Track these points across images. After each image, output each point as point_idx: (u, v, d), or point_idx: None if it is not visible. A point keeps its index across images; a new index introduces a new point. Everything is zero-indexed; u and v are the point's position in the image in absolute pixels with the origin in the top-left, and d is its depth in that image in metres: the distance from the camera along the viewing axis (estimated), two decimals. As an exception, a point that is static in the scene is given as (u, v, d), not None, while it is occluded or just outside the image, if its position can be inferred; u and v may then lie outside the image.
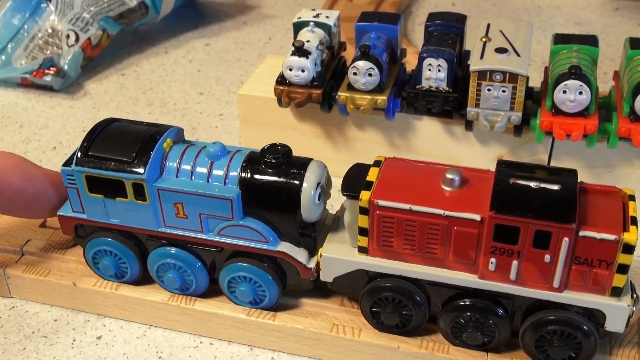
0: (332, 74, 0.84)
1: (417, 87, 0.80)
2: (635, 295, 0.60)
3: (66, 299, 0.73)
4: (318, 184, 0.63)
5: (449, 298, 0.62)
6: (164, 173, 0.65)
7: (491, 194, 0.58)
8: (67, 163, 0.67)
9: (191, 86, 1.11)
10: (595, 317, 0.60)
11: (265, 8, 1.35)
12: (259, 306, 0.68)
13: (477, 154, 0.84)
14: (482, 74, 0.76)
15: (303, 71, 0.80)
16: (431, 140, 0.85)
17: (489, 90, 0.76)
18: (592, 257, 0.57)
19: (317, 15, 0.85)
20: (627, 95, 0.75)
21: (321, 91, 0.82)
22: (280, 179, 0.63)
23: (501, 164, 0.61)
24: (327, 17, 0.85)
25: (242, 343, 0.69)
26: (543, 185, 0.58)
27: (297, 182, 0.63)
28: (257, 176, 0.63)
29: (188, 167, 0.65)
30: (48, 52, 1.11)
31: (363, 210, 0.61)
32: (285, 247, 0.65)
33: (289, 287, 0.68)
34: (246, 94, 0.90)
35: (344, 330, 0.66)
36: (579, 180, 0.60)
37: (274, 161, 0.63)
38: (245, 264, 0.66)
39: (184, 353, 0.69)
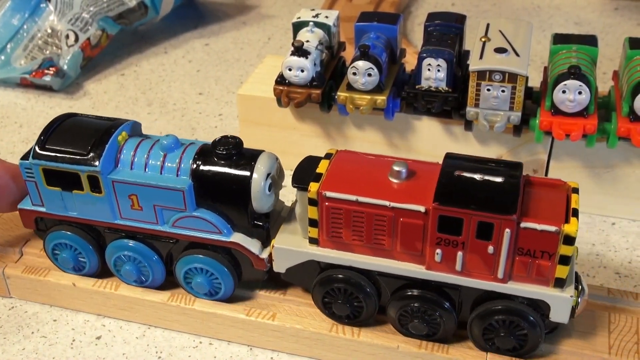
0: (331, 74, 0.84)
1: (417, 87, 0.80)
2: (580, 286, 0.61)
3: (66, 299, 0.73)
4: (268, 174, 0.64)
5: (398, 288, 0.63)
6: (119, 166, 0.66)
7: (436, 185, 0.59)
8: (25, 157, 0.67)
9: (190, 86, 1.11)
10: (541, 307, 0.61)
11: (264, 8, 1.35)
12: (214, 297, 0.69)
13: (477, 154, 0.84)
14: (481, 74, 0.76)
15: (302, 71, 0.80)
16: (430, 140, 0.85)
17: (488, 90, 0.76)
18: (534, 248, 0.58)
19: (317, 15, 0.85)
20: (626, 95, 0.75)
21: (320, 91, 0.82)
22: (231, 170, 0.64)
23: (448, 156, 0.63)
24: (327, 17, 0.85)
25: (242, 343, 0.69)
26: (487, 177, 0.59)
27: (247, 173, 0.63)
28: (208, 167, 0.64)
29: (142, 160, 0.66)
30: (47, 52, 1.11)
31: (312, 202, 0.62)
32: (238, 237, 0.66)
33: (244, 278, 0.68)
34: (245, 94, 0.90)
35: (343, 330, 0.66)
36: (523, 174, 0.61)
37: (224, 152, 0.64)
38: (200, 256, 0.67)
39: (183, 353, 0.69)
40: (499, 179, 0.59)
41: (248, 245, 0.66)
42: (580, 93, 0.73)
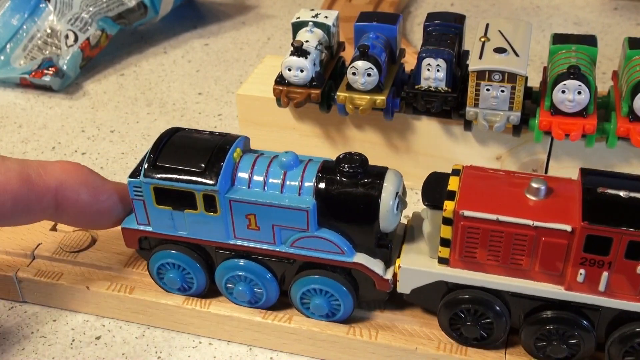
0: (331, 74, 0.84)
1: (416, 87, 0.80)
2: None
3: (79, 302, 0.72)
4: (396, 193, 0.61)
5: (532, 310, 0.61)
6: (236, 184, 0.63)
7: (581, 203, 0.57)
8: (134, 174, 0.65)
9: (190, 86, 1.11)
10: None
11: (264, 8, 1.35)
12: (332, 319, 0.67)
13: (476, 154, 0.84)
14: (480, 74, 0.76)
15: (302, 71, 0.80)
16: (430, 140, 0.85)
17: (487, 90, 0.76)
18: None
19: (316, 16, 0.85)
20: (625, 95, 0.75)
21: (320, 91, 0.82)
22: (358, 189, 0.61)
23: (585, 172, 0.60)
24: (326, 17, 0.85)
25: (259, 346, 0.69)
26: (633, 194, 0.57)
27: (375, 192, 0.61)
28: (333, 186, 0.61)
29: (260, 178, 0.63)
30: (47, 52, 1.11)
31: (447, 221, 0.59)
32: (361, 258, 0.63)
33: (362, 299, 0.66)
34: (245, 94, 0.90)
35: (360, 333, 0.65)
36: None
37: (350, 171, 0.61)
38: (320, 277, 0.64)
39: (183, 353, 0.69)
40: None
41: (372, 266, 0.63)
42: (579, 93, 0.73)
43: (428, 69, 0.78)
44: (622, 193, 0.57)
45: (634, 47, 0.78)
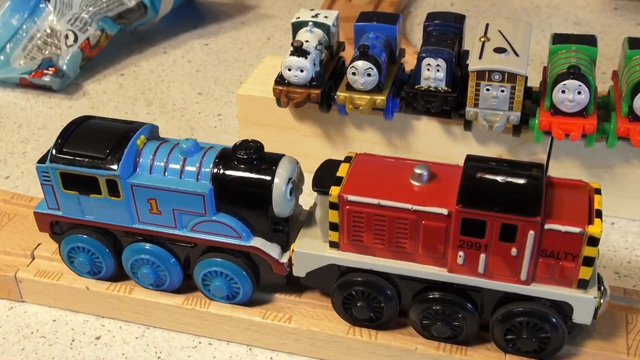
0: (331, 74, 0.84)
1: (416, 87, 0.80)
2: (602, 287, 0.61)
3: (79, 302, 0.72)
4: (289, 179, 0.64)
5: (419, 291, 0.63)
6: (138, 169, 0.66)
7: (458, 188, 0.59)
8: (42, 160, 0.67)
9: (190, 86, 1.11)
10: (563, 309, 0.60)
11: (264, 8, 1.35)
12: (233, 301, 0.69)
13: (476, 154, 0.84)
14: (480, 74, 0.76)
15: (302, 71, 0.80)
16: (430, 140, 0.85)
17: (487, 90, 0.76)
18: (558, 249, 0.58)
19: (316, 15, 0.85)
20: (625, 95, 0.75)
21: (320, 91, 0.82)
22: (252, 175, 0.64)
23: (469, 159, 0.62)
24: (326, 17, 0.85)
25: (258, 346, 0.69)
26: (510, 179, 0.59)
27: (268, 177, 0.63)
28: (228, 172, 0.64)
29: (161, 164, 0.65)
30: (47, 52, 1.11)
31: (333, 206, 0.61)
32: (258, 242, 0.65)
33: (262, 283, 0.68)
34: (245, 94, 0.90)
35: (360, 333, 0.65)
36: (546, 174, 0.61)
37: (245, 157, 0.64)
38: (218, 259, 0.67)
39: (182, 353, 0.69)
40: (521, 181, 0.59)
41: (268, 250, 0.65)
42: (579, 93, 0.73)
43: (428, 69, 0.78)
44: (499, 178, 0.59)
45: (634, 47, 0.78)
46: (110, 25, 1.15)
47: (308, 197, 0.71)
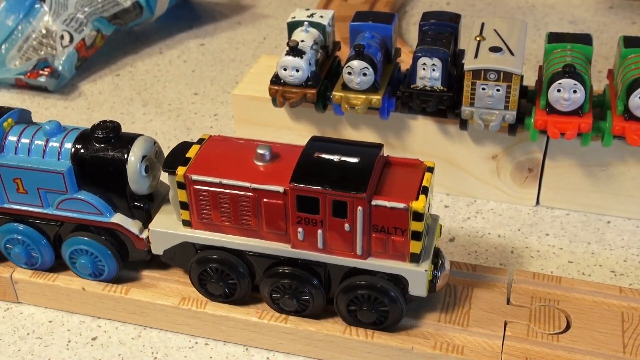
0: (326, 73, 0.84)
1: (412, 86, 0.80)
2: (440, 261, 0.64)
3: (75, 303, 0.72)
4: (144, 157, 0.66)
5: (268, 267, 0.66)
6: (4, 151, 0.68)
7: (294, 167, 0.61)
8: None
9: (186, 86, 1.11)
10: (402, 282, 0.63)
11: (259, 8, 1.35)
12: (100, 278, 0.71)
13: (472, 153, 0.84)
14: (476, 73, 0.76)
15: (297, 71, 0.80)
16: (426, 140, 0.85)
17: (483, 89, 0.76)
18: (387, 225, 0.61)
19: (312, 15, 0.85)
20: (621, 94, 0.75)
21: (316, 91, 0.82)
22: (108, 153, 0.66)
23: (313, 139, 0.65)
24: (322, 16, 0.85)
25: (255, 346, 0.69)
26: (344, 158, 0.62)
27: (123, 155, 0.66)
28: (87, 151, 0.67)
29: (26, 145, 0.68)
30: (42, 52, 1.11)
31: (180, 185, 0.64)
32: (118, 218, 0.68)
33: (130, 259, 0.71)
34: (241, 94, 0.90)
35: (357, 332, 0.66)
36: (384, 154, 0.64)
37: (102, 136, 0.67)
38: (82, 237, 0.69)
39: (179, 354, 0.69)
40: (355, 160, 0.62)
41: (128, 226, 0.68)
42: (575, 92, 0.73)
43: (424, 68, 0.78)
44: (335, 157, 0.62)
45: (629, 45, 0.78)
46: (105, 25, 1.15)
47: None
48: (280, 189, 0.61)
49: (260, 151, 0.64)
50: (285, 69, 0.81)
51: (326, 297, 0.66)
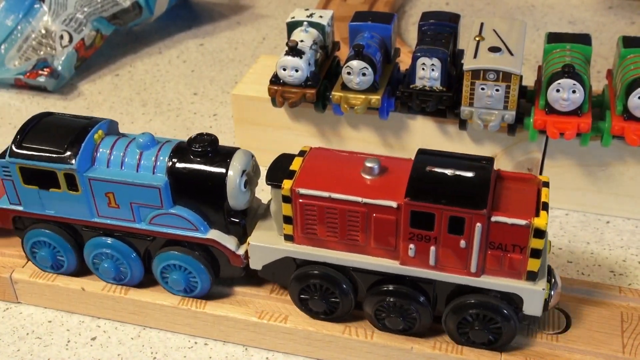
0: (326, 73, 0.84)
1: (411, 86, 0.80)
2: (553, 279, 0.62)
3: (74, 303, 0.72)
4: (244, 171, 0.65)
5: (373, 284, 0.64)
6: (95, 164, 0.66)
7: (407, 181, 0.60)
8: (2, 155, 0.68)
9: (185, 86, 1.11)
10: (514, 301, 0.61)
11: (259, 8, 1.35)
12: (191, 294, 0.69)
13: (471, 153, 0.84)
14: (475, 73, 0.76)
15: (297, 71, 0.80)
16: (425, 140, 0.85)
17: (482, 89, 0.76)
18: (505, 242, 0.59)
19: (311, 15, 0.85)
20: (620, 94, 0.75)
21: (315, 91, 0.82)
22: (206, 167, 0.64)
23: (421, 152, 0.63)
24: (321, 16, 0.85)
25: (254, 346, 0.69)
26: (458, 172, 0.60)
27: (222, 170, 0.64)
28: (184, 165, 0.65)
29: (118, 158, 0.66)
30: (41, 52, 1.11)
31: (286, 199, 0.62)
32: (214, 234, 0.66)
33: (222, 275, 0.69)
34: (240, 94, 0.90)
35: (356, 332, 0.66)
36: (495, 168, 0.62)
37: (200, 150, 0.65)
38: (176, 252, 0.67)
39: (178, 354, 0.69)
40: (470, 174, 0.60)
41: (224, 242, 0.66)
42: (574, 92, 0.73)
43: (423, 68, 0.78)
44: (448, 171, 0.60)
45: (628, 45, 0.78)
46: (105, 25, 1.15)
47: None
48: (394, 204, 0.59)
49: (369, 164, 0.62)
50: (284, 69, 0.81)
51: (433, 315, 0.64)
